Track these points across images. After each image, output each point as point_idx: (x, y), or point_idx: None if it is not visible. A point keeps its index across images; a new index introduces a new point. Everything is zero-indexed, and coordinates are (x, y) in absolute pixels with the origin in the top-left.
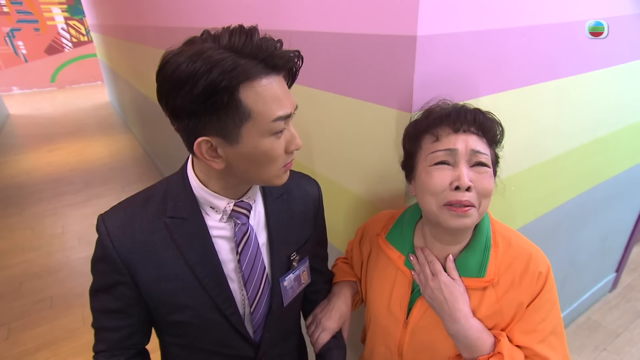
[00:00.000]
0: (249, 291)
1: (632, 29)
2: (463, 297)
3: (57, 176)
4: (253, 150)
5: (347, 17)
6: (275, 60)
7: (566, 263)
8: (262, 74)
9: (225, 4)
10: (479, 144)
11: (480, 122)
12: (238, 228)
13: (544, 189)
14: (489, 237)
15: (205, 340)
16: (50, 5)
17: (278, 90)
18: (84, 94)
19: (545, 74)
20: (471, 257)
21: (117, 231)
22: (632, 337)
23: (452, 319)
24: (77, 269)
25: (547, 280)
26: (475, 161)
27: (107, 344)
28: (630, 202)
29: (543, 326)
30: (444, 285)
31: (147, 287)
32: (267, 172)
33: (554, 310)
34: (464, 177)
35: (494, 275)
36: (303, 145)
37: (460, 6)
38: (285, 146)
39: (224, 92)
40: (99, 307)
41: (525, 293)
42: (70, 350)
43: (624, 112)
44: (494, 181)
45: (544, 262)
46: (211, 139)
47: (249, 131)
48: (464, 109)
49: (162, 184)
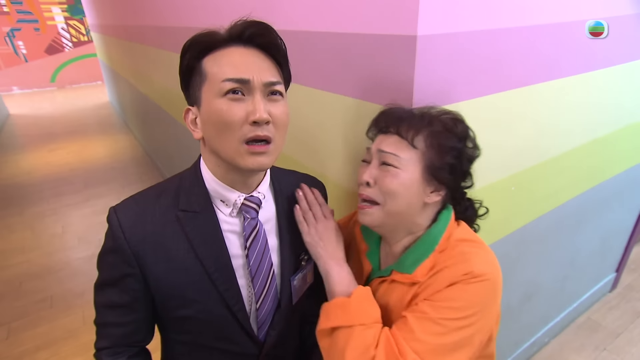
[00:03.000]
0: (256, 287)
1: (632, 29)
2: (338, 243)
3: (57, 176)
4: (209, 111)
5: (347, 17)
6: (233, 30)
7: (566, 263)
8: (222, 44)
9: (224, 4)
10: (390, 144)
11: (398, 122)
12: (247, 222)
13: (543, 189)
14: (436, 241)
15: (210, 337)
16: (50, 5)
17: (237, 58)
18: (84, 94)
19: (545, 74)
20: (410, 255)
21: (129, 222)
22: (632, 337)
23: (329, 258)
24: (77, 268)
25: (475, 283)
26: (382, 160)
27: (111, 340)
28: (630, 202)
29: (433, 314)
30: (324, 229)
31: (155, 280)
32: (227, 143)
33: (459, 315)
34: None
35: (422, 276)
36: (304, 145)
37: (460, 6)
38: (245, 115)
39: (190, 52)
40: (104, 301)
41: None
42: (70, 350)
43: (624, 112)
44: (400, 181)
45: (482, 275)
46: (192, 109)
47: (206, 92)
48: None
49: (175, 179)
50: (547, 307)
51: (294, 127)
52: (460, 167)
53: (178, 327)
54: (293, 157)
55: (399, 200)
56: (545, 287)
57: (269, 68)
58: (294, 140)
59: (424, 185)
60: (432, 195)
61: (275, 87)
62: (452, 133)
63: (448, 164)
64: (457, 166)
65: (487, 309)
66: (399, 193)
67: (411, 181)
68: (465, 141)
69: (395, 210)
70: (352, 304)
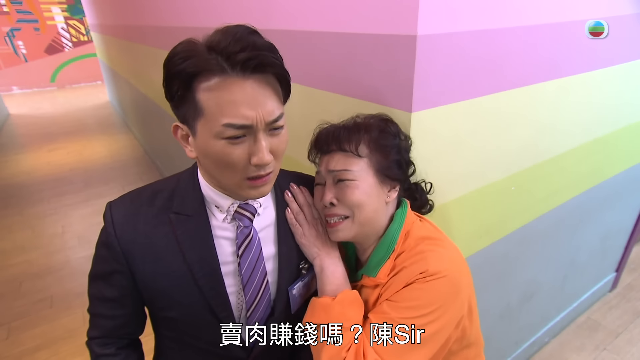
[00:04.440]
0: (247, 295)
1: (632, 29)
2: (333, 242)
3: (57, 176)
4: (205, 148)
5: (347, 17)
6: (233, 60)
7: (566, 263)
8: (217, 72)
9: (224, 4)
10: (338, 162)
11: (337, 139)
12: (240, 230)
13: (543, 189)
14: (394, 241)
15: (197, 339)
16: (50, 5)
17: (237, 94)
18: (84, 93)
19: (545, 74)
20: (374, 259)
21: (121, 219)
22: (632, 337)
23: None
24: (77, 268)
25: (431, 281)
26: (336, 179)
27: (101, 331)
28: (630, 202)
29: (393, 313)
30: (317, 229)
31: (142, 279)
32: (228, 178)
33: (418, 312)
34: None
35: (384, 278)
36: (304, 145)
37: (461, 6)
38: (247, 157)
39: (176, 81)
40: (95, 292)
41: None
42: (70, 349)
43: (624, 111)
44: (361, 191)
45: (438, 272)
46: (182, 127)
47: (203, 128)
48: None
49: (173, 179)
50: (547, 307)
51: (294, 126)
52: (403, 159)
53: (165, 325)
54: (293, 157)
55: (366, 208)
56: (545, 287)
57: (271, 100)
58: (294, 140)
59: (381, 186)
60: (391, 193)
61: (277, 122)
62: (388, 132)
63: (394, 161)
64: (401, 160)
65: (447, 305)
66: (364, 201)
67: (370, 187)
68: (399, 135)
69: (365, 218)
70: (334, 307)
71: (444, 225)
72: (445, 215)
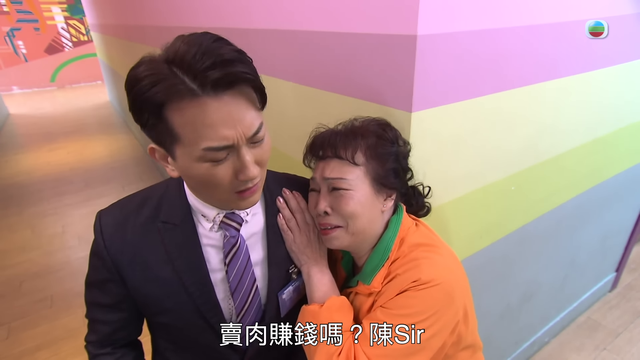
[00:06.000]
0: (236, 302)
1: (632, 29)
2: (322, 249)
3: (57, 176)
4: (188, 171)
5: (347, 17)
6: (203, 80)
7: (566, 263)
8: (187, 94)
9: (224, 4)
10: (333, 169)
11: (333, 145)
12: (227, 240)
13: (543, 189)
14: (388, 249)
15: (191, 342)
16: (50, 5)
17: (212, 116)
18: (84, 93)
19: (545, 74)
20: (368, 266)
21: (110, 229)
22: (632, 337)
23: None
24: (77, 268)
25: (424, 289)
26: (331, 187)
27: (98, 336)
28: (630, 201)
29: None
30: (308, 236)
31: (134, 287)
32: (215, 195)
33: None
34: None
35: (378, 285)
36: (304, 145)
37: (461, 6)
38: (233, 174)
39: (145, 111)
40: (91, 299)
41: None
42: (70, 349)
43: (624, 111)
44: (356, 201)
45: (431, 280)
46: (158, 149)
47: (181, 152)
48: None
49: (162, 185)
50: (547, 307)
51: (294, 126)
52: (401, 167)
53: (159, 329)
54: (293, 156)
55: (360, 219)
56: (545, 287)
57: (248, 112)
58: (293, 140)
59: (377, 196)
60: (387, 202)
61: (258, 135)
62: (385, 139)
63: (391, 169)
64: (399, 168)
65: (441, 312)
66: (358, 212)
67: (365, 197)
68: (398, 142)
69: (359, 228)
70: (322, 314)
71: (443, 225)
72: (445, 215)
